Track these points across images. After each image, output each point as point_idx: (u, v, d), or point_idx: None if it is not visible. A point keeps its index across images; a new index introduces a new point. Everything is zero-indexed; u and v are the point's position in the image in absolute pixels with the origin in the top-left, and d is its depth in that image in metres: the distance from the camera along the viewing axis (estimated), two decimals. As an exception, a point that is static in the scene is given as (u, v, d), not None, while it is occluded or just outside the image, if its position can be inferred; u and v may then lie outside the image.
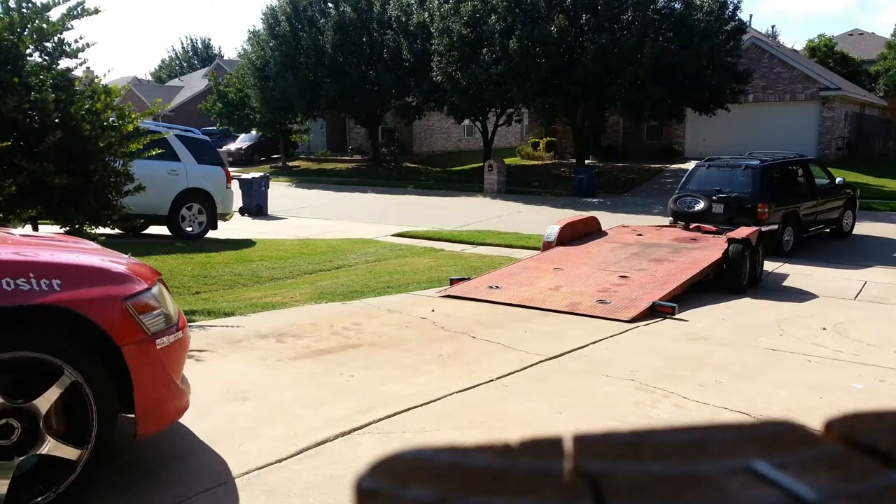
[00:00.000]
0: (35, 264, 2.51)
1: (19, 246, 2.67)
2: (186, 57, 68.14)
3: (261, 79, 28.52)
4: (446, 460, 0.40)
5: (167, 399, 2.81)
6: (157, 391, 2.75)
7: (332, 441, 3.33)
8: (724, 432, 0.43)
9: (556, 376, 4.55)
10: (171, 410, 2.87)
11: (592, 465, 0.39)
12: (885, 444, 0.40)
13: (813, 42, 41.08)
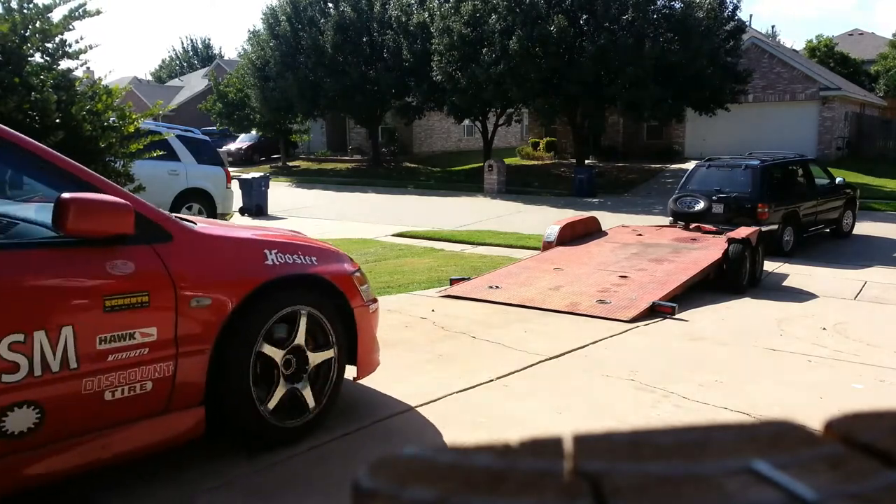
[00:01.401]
0: (300, 245, 3.36)
1: (286, 236, 3.54)
2: (186, 57, 68.14)
3: (261, 79, 28.52)
4: (446, 460, 0.40)
5: (373, 352, 3.71)
6: (369, 345, 3.64)
7: (329, 443, 3.33)
8: (724, 432, 0.43)
9: (556, 376, 4.55)
10: (375, 361, 3.74)
11: (592, 465, 0.39)
12: (885, 444, 0.40)
13: (812, 43, 41.09)
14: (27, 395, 2.34)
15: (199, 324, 2.80)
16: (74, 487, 2.80)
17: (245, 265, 3.04)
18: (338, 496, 2.78)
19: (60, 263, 2.51)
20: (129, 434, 2.66)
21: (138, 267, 2.64)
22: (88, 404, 2.51)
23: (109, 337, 2.54)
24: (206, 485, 2.87)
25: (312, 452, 3.22)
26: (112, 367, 2.55)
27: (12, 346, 2.29)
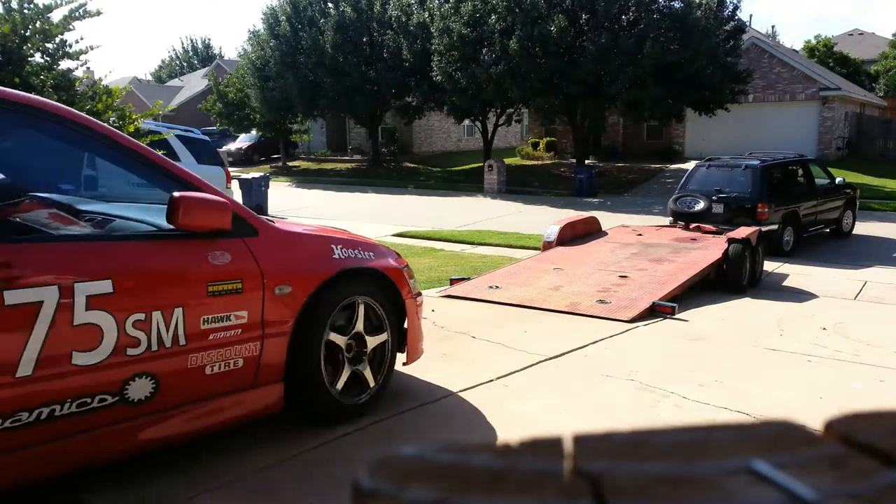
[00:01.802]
0: (359, 242, 3.73)
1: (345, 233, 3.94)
2: (186, 57, 68.13)
3: (261, 79, 28.52)
4: (446, 460, 0.40)
5: (419, 340, 4.07)
6: (416, 334, 4.00)
7: (332, 441, 3.33)
8: (724, 432, 0.43)
9: (556, 376, 4.55)
10: (420, 349, 4.10)
11: (592, 465, 0.39)
12: (885, 444, 0.40)
13: (811, 43, 41.08)
14: (145, 367, 2.68)
15: (281, 309, 3.16)
16: (69, 489, 2.80)
17: (317, 258, 3.42)
18: (338, 494, 2.79)
19: (173, 253, 2.87)
20: (223, 405, 3.02)
21: (233, 257, 3.00)
22: (193, 377, 2.86)
23: (211, 318, 2.90)
24: (202, 486, 2.87)
25: (312, 452, 3.23)
26: (212, 345, 2.91)
27: (135, 324, 2.64)
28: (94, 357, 2.53)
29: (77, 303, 2.47)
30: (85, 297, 2.49)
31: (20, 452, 2.38)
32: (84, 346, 2.51)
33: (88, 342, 2.52)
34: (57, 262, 2.49)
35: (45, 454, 2.46)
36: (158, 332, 2.70)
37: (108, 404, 2.60)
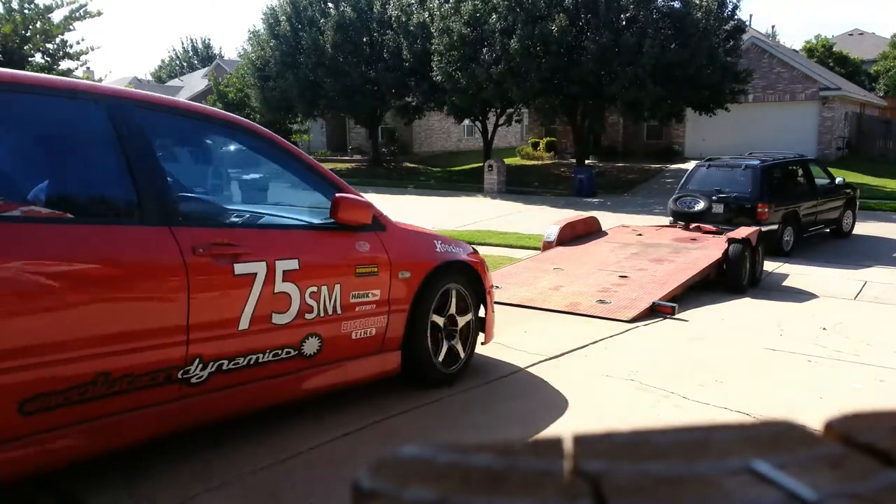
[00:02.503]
0: (452, 239, 4.47)
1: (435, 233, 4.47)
2: (186, 57, 68.10)
3: (261, 79, 28.51)
4: (446, 460, 0.40)
5: (493, 324, 4.68)
6: (492, 318, 4.65)
7: (331, 442, 3.33)
8: (724, 432, 0.43)
9: (555, 376, 4.55)
10: (493, 332, 4.72)
11: (592, 465, 0.39)
12: (885, 444, 0.40)
13: (811, 43, 41.07)
14: (315, 329, 3.38)
15: (402, 291, 3.85)
16: (67, 489, 2.80)
17: (426, 251, 4.11)
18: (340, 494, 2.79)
19: (333, 241, 3.57)
20: (360, 365, 3.71)
21: (371, 247, 3.69)
22: (344, 340, 3.56)
23: (356, 294, 3.59)
24: (201, 486, 2.87)
25: (313, 452, 3.23)
26: (357, 316, 3.60)
27: (311, 294, 3.33)
28: (285, 318, 3.23)
29: (277, 276, 3.17)
30: (282, 271, 3.19)
31: (237, 388, 3.07)
32: (280, 309, 3.20)
33: (282, 306, 3.21)
34: (265, 244, 3.19)
35: (251, 392, 3.14)
36: (324, 301, 3.42)
37: (291, 356, 3.31)
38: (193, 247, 2.86)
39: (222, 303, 2.97)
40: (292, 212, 3.93)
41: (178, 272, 2.78)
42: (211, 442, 3.26)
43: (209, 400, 2.97)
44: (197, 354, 2.86)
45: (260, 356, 3.14)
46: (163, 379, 2.75)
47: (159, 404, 2.78)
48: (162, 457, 3.10)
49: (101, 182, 2.94)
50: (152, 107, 3.07)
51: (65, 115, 2.81)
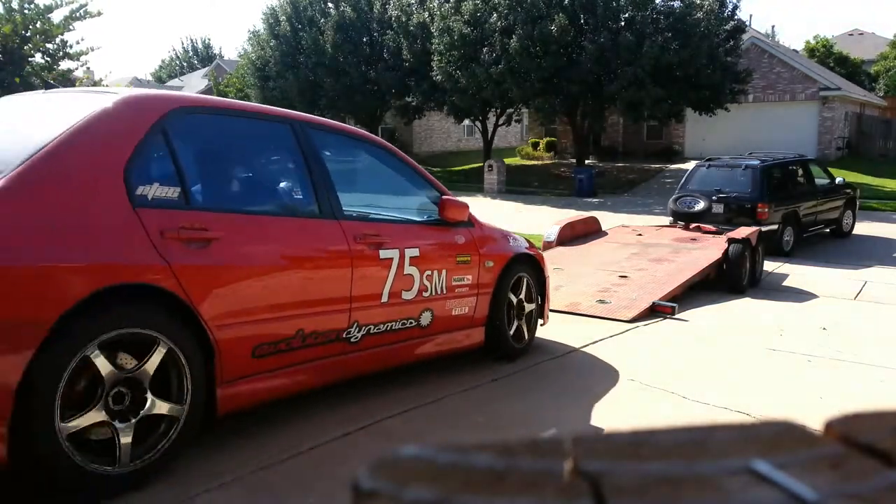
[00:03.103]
0: (517, 236, 5.12)
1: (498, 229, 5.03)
2: (186, 57, 68.08)
3: (261, 79, 28.52)
4: (446, 460, 0.40)
5: (548, 305, 5.31)
6: (547, 301, 5.25)
7: (331, 442, 3.33)
8: (724, 432, 0.43)
9: (555, 376, 4.55)
10: (548, 313, 5.33)
11: (592, 465, 0.39)
12: (885, 444, 0.40)
13: (811, 43, 41.07)
14: (429, 305, 4.12)
15: (487, 277, 4.58)
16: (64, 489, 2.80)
17: (503, 245, 4.81)
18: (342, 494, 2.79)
19: (441, 234, 4.32)
20: (457, 337, 4.44)
21: (466, 240, 4.44)
22: (447, 315, 4.30)
23: (456, 278, 4.32)
24: (198, 486, 2.87)
25: (313, 451, 3.23)
26: (456, 296, 4.34)
27: (427, 277, 4.07)
28: (410, 295, 3.97)
29: (405, 261, 3.90)
30: (409, 257, 3.93)
31: (373, 351, 3.80)
32: (407, 287, 3.95)
33: (408, 285, 3.96)
34: (396, 235, 3.94)
35: (385, 353, 3.91)
36: (435, 282, 4.14)
37: (412, 326, 4.05)
38: (354, 236, 3.65)
39: (372, 280, 3.74)
40: (407, 210, 4.50)
41: (346, 256, 3.59)
42: (211, 441, 3.26)
43: (360, 357, 3.74)
44: (355, 320, 3.65)
45: (393, 324, 3.91)
46: (334, 337, 3.55)
47: (331, 356, 3.55)
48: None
49: (296, 186, 3.75)
50: (315, 126, 3.82)
51: (273, 136, 3.72)
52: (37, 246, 2.44)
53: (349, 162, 4.38)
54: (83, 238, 2.57)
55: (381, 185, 4.73)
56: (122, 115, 2.93)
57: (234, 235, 3.06)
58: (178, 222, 2.85)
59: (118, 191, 2.72)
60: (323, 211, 3.58)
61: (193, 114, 3.24)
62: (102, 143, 2.81)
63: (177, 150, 3.02)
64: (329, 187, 3.66)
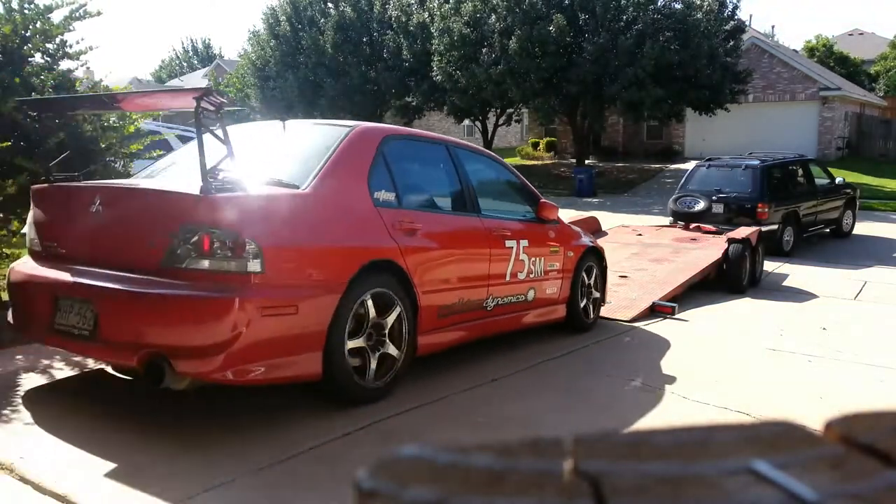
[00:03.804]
0: (585, 232, 6.22)
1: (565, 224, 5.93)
2: (186, 57, 68.06)
3: (261, 79, 28.52)
4: (446, 460, 0.40)
5: (607, 289, 6.29)
6: (606, 287, 6.21)
7: (332, 442, 3.33)
8: (724, 432, 0.43)
9: (556, 376, 4.56)
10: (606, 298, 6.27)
11: (592, 465, 0.39)
12: (885, 444, 0.40)
13: (811, 43, 41.08)
14: (532, 285, 5.13)
15: (569, 264, 5.60)
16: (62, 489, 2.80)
17: (579, 238, 5.88)
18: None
19: (541, 229, 5.34)
20: (548, 312, 5.42)
21: (555, 234, 5.48)
22: (543, 293, 5.31)
23: (549, 264, 5.35)
24: (198, 486, 2.87)
25: (312, 451, 3.22)
26: (549, 279, 5.35)
27: (532, 262, 5.09)
28: (522, 276, 4.99)
29: (518, 248, 4.93)
30: (522, 246, 4.97)
31: (499, 318, 4.83)
32: (520, 270, 4.97)
33: (521, 268, 4.98)
34: (514, 229, 4.97)
35: (504, 321, 4.91)
36: (537, 267, 5.17)
37: (521, 301, 5.06)
38: (490, 230, 4.72)
39: (500, 264, 4.76)
40: (516, 210, 5.38)
41: (486, 245, 4.64)
42: (212, 440, 3.26)
43: (491, 322, 4.77)
44: (490, 293, 4.70)
45: (511, 298, 4.93)
46: (477, 306, 4.57)
47: (475, 320, 4.58)
48: (161, 455, 3.10)
49: (454, 190, 4.78)
50: (458, 146, 4.99)
51: (437, 154, 4.80)
52: (335, 233, 3.63)
53: (477, 172, 5.08)
54: (356, 229, 3.75)
55: (498, 191, 5.51)
56: (359, 142, 4.01)
57: (427, 227, 4.16)
58: (397, 217, 3.96)
59: (367, 196, 3.85)
60: (472, 210, 4.72)
61: (395, 139, 4.33)
62: (355, 163, 3.90)
63: (390, 166, 4.12)
64: (472, 192, 4.79)
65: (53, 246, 3.73)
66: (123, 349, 3.21)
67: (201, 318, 3.11)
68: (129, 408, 3.72)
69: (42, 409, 3.65)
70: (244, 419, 3.58)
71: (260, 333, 3.16)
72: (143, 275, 3.26)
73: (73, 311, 3.41)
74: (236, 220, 3.18)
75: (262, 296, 3.17)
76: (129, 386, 4.01)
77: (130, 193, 3.66)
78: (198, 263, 3.17)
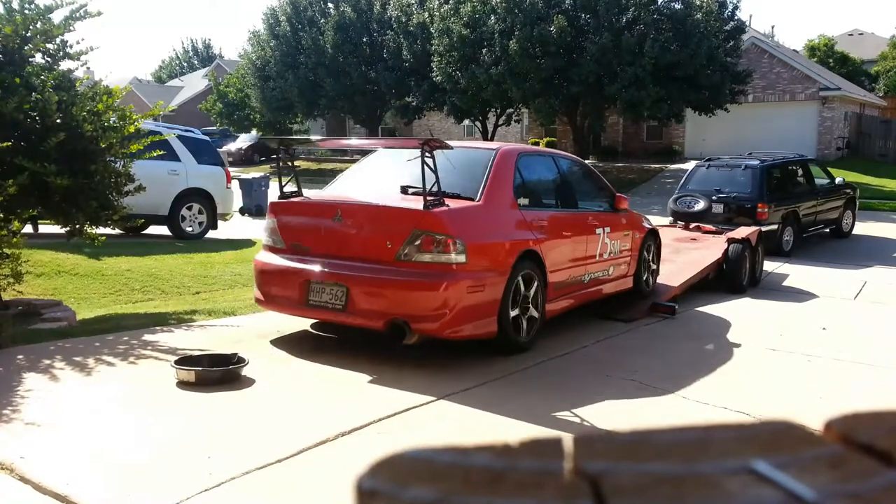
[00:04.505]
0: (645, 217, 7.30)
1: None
2: (187, 57, 68.09)
3: (261, 79, 28.52)
4: (446, 460, 0.40)
5: (660, 265, 7.40)
6: (660, 260, 7.36)
7: (331, 441, 3.33)
8: (724, 432, 0.43)
9: (556, 376, 4.55)
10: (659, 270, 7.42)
11: (592, 465, 0.39)
12: (885, 444, 0.40)
13: (813, 42, 41.08)
14: (611, 262, 6.18)
15: (635, 245, 6.68)
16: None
17: (642, 223, 6.99)
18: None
19: (617, 218, 6.39)
20: (620, 283, 6.48)
21: (626, 221, 6.56)
22: (618, 270, 6.37)
23: (622, 245, 6.39)
24: (197, 486, 2.87)
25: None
26: (622, 257, 6.40)
27: (612, 245, 6.11)
28: (606, 255, 6.06)
29: (603, 234, 5.99)
30: (605, 232, 6.02)
31: (591, 289, 5.96)
32: (605, 251, 6.03)
33: (606, 250, 6.03)
34: (600, 219, 6.04)
35: (592, 292, 6.01)
36: (615, 248, 6.22)
37: (605, 275, 6.14)
38: (586, 220, 5.91)
39: (593, 246, 5.87)
40: (599, 203, 6.37)
41: (584, 232, 5.80)
42: (213, 438, 3.26)
43: (585, 293, 5.89)
44: (587, 270, 5.84)
45: (599, 274, 6.05)
46: (578, 280, 5.75)
47: (576, 292, 5.73)
48: (162, 455, 3.10)
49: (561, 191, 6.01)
50: (559, 155, 6.41)
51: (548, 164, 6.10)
52: (502, 231, 4.90)
53: (573, 175, 6.34)
54: (512, 228, 4.98)
55: (587, 189, 6.48)
56: (504, 161, 5.19)
57: (549, 222, 5.35)
58: (532, 216, 5.20)
59: (514, 202, 5.11)
60: (574, 206, 5.97)
61: (524, 156, 5.55)
62: (504, 178, 5.11)
63: (523, 177, 5.38)
64: (573, 191, 6.09)
65: (298, 245, 4.95)
66: (371, 316, 4.50)
67: (432, 294, 4.40)
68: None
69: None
70: (242, 419, 3.60)
71: (465, 304, 4.45)
72: (382, 265, 4.52)
73: (325, 291, 4.67)
74: (448, 226, 4.47)
75: (466, 278, 4.47)
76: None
77: (367, 208, 4.86)
78: (422, 257, 4.46)
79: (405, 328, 4.38)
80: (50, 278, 7.24)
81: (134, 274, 7.78)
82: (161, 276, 7.85)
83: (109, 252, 8.25)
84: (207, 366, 4.20)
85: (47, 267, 7.47)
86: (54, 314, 5.75)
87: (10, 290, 5.78)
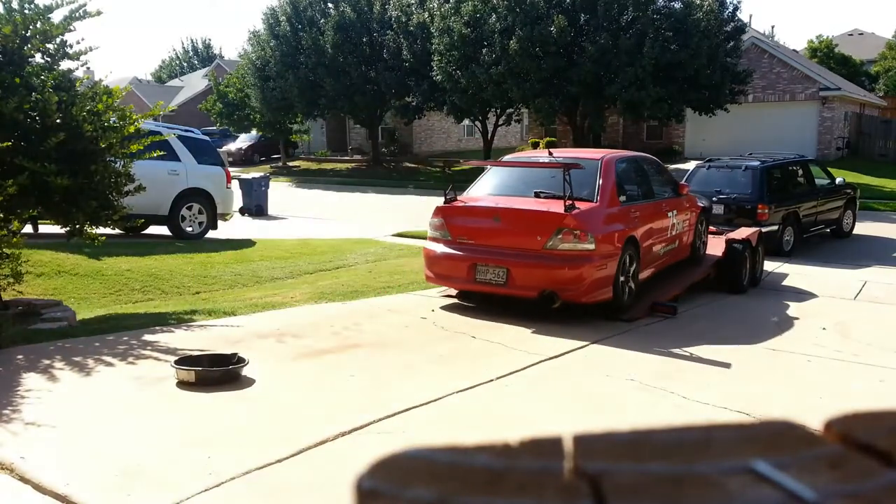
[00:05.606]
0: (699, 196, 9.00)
1: None
2: (187, 57, 68.07)
3: (261, 79, 28.49)
4: (446, 460, 0.40)
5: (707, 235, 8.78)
6: (708, 233, 8.79)
7: (332, 441, 3.33)
8: (724, 432, 0.43)
9: (556, 376, 4.55)
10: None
11: (592, 465, 0.39)
12: (885, 444, 0.40)
13: (813, 43, 41.08)
14: (678, 237, 7.65)
15: (693, 220, 8.00)
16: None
17: (696, 203, 8.20)
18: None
19: (679, 202, 7.68)
20: (682, 252, 7.81)
21: (686, 204, 7.85)
22: (682, 242, 7.79)
23: (684, 223, 7.75)
24: (195, 486, 2.87)
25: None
26: (683, 232, 7.76)
27: (678, 223, 7.52)
28: (673, 233, 7.41)
29: (672, 216, 7.34)
30: (674, 213, 7.38)
31: (663, 260, 7.30)
32: (674, 229, 7.40)
33: (674, 228, 7.40)
34: (670, 203, 7.38)
35: (664, 262, 7.31)
36: (679, 225, 7.52)
37: (672, 248, 7.44)
38: (661, 206, 7.15)
39: (668, 225, 7.20)
40: (666, 191, 7.57)
41: (660, 216, 7.08)
42: (213, 438, 3.26)
43: (660, 263, 7.15)
44: (662, 244, 7.11)
45: (669, 247, 7.33)
46: (657, 253, 7.00)
47: (655, 262, 7.00)
48: (161, 455, 3.10)
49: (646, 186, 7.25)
50: (639, 157, 7.80)
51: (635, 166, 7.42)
52: (614, 224, 6.21)
53: (650, 169, 7.64)
54: (620, 221, 6.30)
55: (659, 180, 7.70)
56: (608, 167, 6.52)
57: (640, 212, 6.64)
58: (629, 210, 6.52)
59: (618, 200, 6.44)
60: (652, 197, 7.18)
61: (620, 161, 6.88)
62: (611, 181, 6.44)
63: (620, 179, 6.65)
64: (650, 184, 7.35)
65: (463, 238, 6.31)
66: (527, 289, 6.01)
67: (574, 272, 5.88)
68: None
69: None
70: (240, 419, 3.59)
71: (594, 278, 5.92)
72: (534, 252, 6.00)
73: (490, 272, 6.11)
74: (582, 224, 5.92)
75: (596, 261, 5.91)
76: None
77: (520, 212, 6.19)
78: (563, 246, 5.93)
79: (554, 297, 5.90)
80: (50, 278, 7.24)
81: (134, 274, 7.78)
82: (161, 276, 7.85)
83: (109, 252, 8.24)
84: (207, 366, 4.21)
85: (47, 267, 7.47)
86: (54, 314, 5.75)
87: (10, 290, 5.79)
